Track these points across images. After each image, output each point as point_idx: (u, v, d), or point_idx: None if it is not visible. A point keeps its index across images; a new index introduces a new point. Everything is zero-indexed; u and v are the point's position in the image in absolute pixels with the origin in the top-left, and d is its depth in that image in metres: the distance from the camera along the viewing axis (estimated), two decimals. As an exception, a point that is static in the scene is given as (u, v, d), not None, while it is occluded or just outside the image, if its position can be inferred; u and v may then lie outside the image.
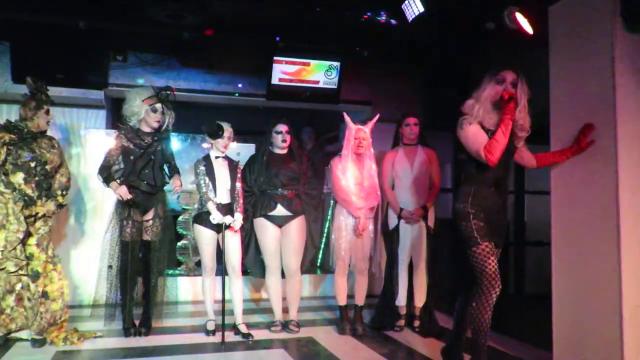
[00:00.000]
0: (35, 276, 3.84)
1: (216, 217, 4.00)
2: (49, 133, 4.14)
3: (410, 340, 4.12)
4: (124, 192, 3.94)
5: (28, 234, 3.84)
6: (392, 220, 4.42)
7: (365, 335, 4.22)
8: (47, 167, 3.94)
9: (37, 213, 3.86)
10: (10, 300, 3.78)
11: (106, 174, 4.01)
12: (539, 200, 5.65)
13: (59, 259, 4.05)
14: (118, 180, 4.01)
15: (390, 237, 4.44)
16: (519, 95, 2.87)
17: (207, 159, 4.19)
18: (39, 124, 3.96)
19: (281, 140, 4.33)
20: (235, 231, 4.12)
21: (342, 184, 4.22)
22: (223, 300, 3.97)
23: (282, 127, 4.34)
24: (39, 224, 3.91)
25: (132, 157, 4.06)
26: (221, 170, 4.17)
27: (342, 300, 4.35)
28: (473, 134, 2.88)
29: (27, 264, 3.82)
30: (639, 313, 2.83)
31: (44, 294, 3.86)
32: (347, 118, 4.33)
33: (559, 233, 3.26)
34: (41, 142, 3.97)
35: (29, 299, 3.82)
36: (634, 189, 2.88)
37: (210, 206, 4.04)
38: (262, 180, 4.30)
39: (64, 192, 4.08)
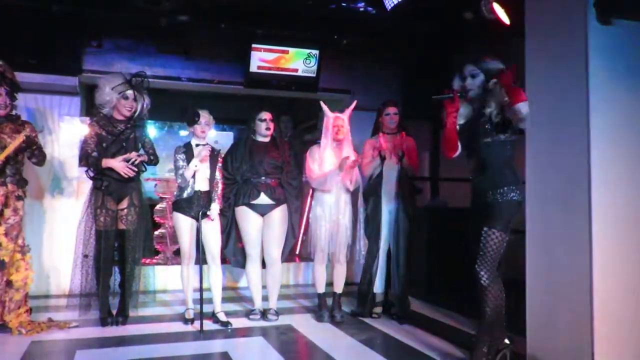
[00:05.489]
0: (1, 265, 3.77)
1: (195, 162, 3.97)
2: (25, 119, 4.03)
3: (387, 327, 4.17)
4: (123, 165, 3.90)
5: None
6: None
7: (344, 322, 4.26)
8: None
9: None
10: None
11: (89, 160, 3.94)
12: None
13: (29, 249, 3.96)
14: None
15: (368, 225, 4.46)
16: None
17: (187, 147, 4.14)
18: None
19: (265, 127, 4.30)
20: (212, 220, 4.10)
21: (314, 168, 4.24)
22: (201, 289, 3.96)
23: (266, 115, 4.31)
24: (8, 213, 3.79)
25: (104, 145, 4.00)
26: (201, 158, 4.12)
27: (321, 288, 4.38)
28: None
29: None
30: (609, 300, 2.91)
31: (8, 283, 3.80)
32: (324, 106, 4.33)
33: (533, 221, 3.33)
34: (5, 128, 3.79)
35: None
36: (606, 179, 2.95)
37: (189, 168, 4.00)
38: (245, 169, 4.26)
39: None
